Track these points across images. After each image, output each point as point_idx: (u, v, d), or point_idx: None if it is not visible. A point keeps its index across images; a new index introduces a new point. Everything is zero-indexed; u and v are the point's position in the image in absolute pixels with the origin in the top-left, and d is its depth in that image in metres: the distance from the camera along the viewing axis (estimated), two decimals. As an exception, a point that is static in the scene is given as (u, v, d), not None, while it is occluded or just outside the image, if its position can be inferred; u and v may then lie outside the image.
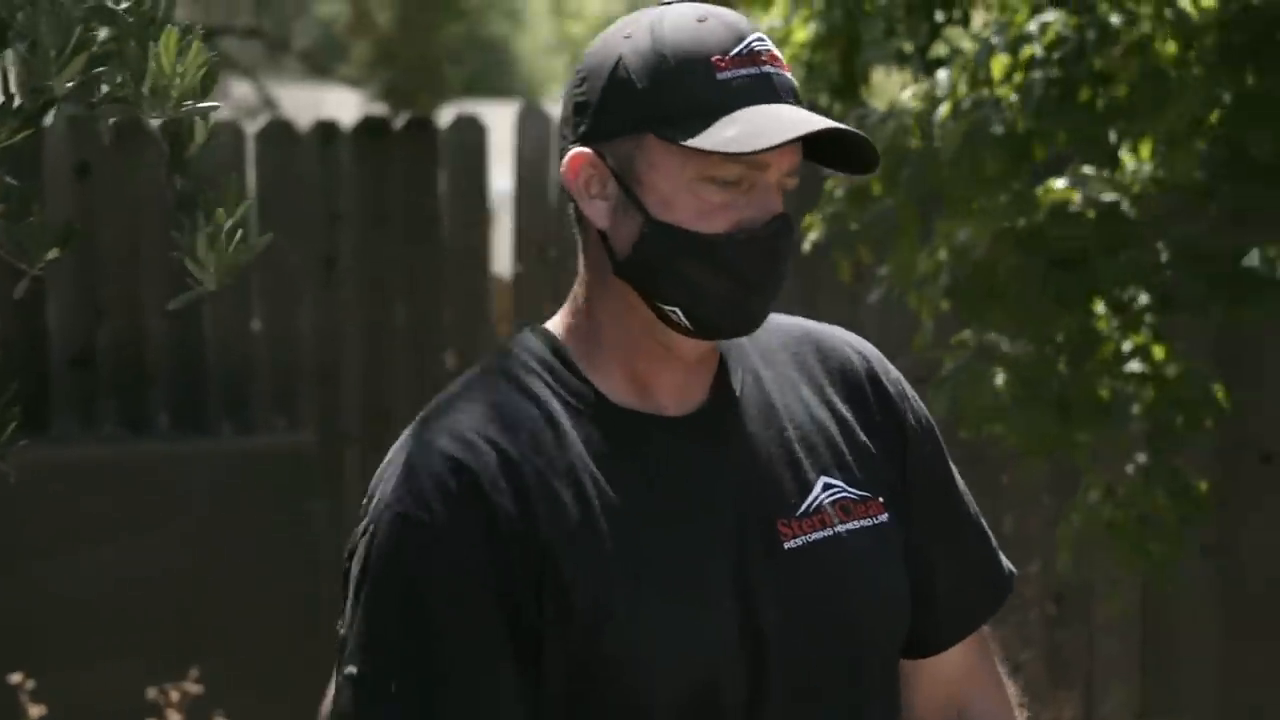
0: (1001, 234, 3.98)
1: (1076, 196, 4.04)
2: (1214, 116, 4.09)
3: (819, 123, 1.91)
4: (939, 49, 4.30)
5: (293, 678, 5.74)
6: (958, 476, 2.10)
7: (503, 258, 6.70)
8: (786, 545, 1.94)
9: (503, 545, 1.89)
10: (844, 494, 1.98)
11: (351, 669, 1.90)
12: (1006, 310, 4.07)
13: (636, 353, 1.96)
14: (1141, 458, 4.22)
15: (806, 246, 4.28)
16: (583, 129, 1.95)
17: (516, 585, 1.89)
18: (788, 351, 2.04)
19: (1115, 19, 3.97)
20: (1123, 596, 5.26)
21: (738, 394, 1.98)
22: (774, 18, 4.90)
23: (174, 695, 4.82)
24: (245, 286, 6.18)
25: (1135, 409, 4.12)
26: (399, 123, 6.50)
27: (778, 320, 2.05)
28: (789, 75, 1.95)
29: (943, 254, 4.07)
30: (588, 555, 1.89)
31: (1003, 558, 2.11)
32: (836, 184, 4.12)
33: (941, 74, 4.12)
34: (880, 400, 2.05)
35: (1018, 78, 4.01)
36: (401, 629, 1.88)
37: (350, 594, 1.93)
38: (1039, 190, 4.04)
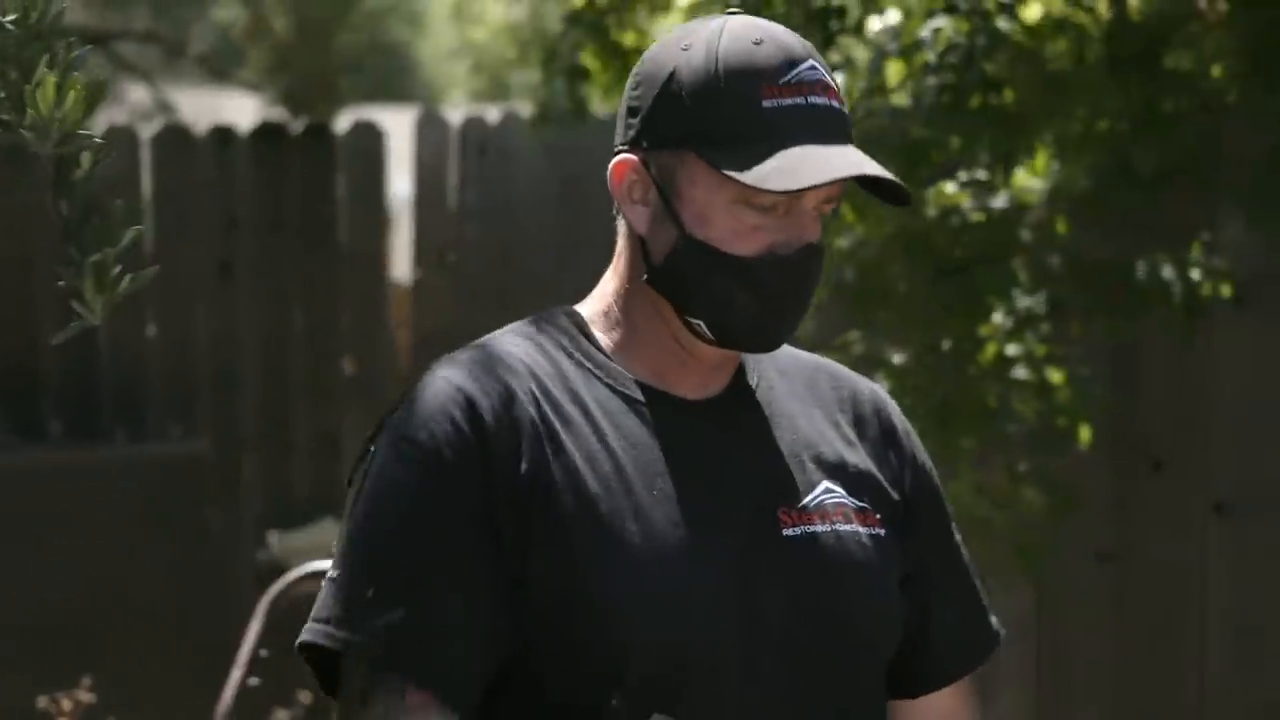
0: (891, 238, 4.02)
1: (965, 201, 4.08)
2: (1103, 125, 4.14)
3: (855, 167, 1.94)
4: (833, 58, 4.33)
5: (189, 685, 5.70)
6: (955, 527, 2.15)
7: (402, 263, 6.68)
8: (785, 532, 1.98)
9: (498, 475, 1.92)
10: (844, 500, 2.02)
11: (331, 573, 1.92)
12: (894, 314, 4.10)
13: (663, 351, 2.01)
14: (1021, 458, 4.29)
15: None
16: (631, 134, 1.99)
17: (505, 517, 1.91)
18: (804, 375, 2.09)
19: (1004, 24, 4.00)
20: (1017, 601, 5.30)
21: (753, 389, 2.04)
22: (672, 24, 4.91)
23: (65, 704, 4.78)
24: (139, 293, 6.14)
25: (1019, 413, 4.18)
26: (297, 128, 6.47)
27: (797, 351, 2.11)
28: (838, 105, 1.98)
29: (838, 244, 4.10)
30: (585, 504, 1.93)
31: (992, 615, 2.15)
32: None
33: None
34: (886, 433, 2.10)
35: (912, 85, 4.04)
36: (385, 540, 1.91)
37: (346, 510, 1.97)
38: (929, 193, 4.07)
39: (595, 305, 2.05)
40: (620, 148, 2.00)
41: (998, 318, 4.21)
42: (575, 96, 4.90)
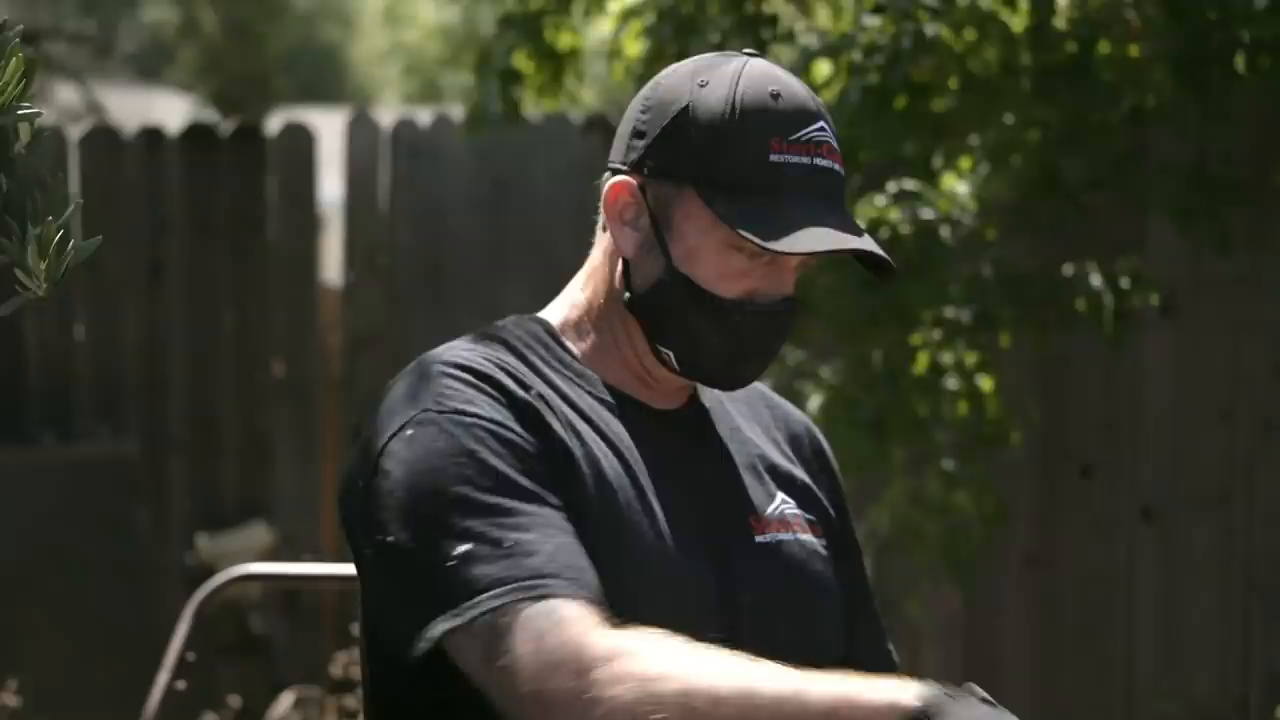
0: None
1: (894, 214, 4.10)
2: (1033, 135, 4.16)
3: (853, 242, 1.97)
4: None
5: (116, 688, 5.67)
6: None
7: (332, 266, 6.66)
8: (757, 539, 2.04)
9: (540, 442, 1.95)
10: (798, 512, 2.09)
11: (464, 548, 1.87)
12: (826, 327, 4.13)
13: (627, 367, 2.06)
14: (949, 464, 4.32)
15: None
16: (634, 157, 2.02)
17: (552, 457, 1.94)
18: (743, 395, 2.15)
19: (931, 29, 4.02)
20: (944, 605, 5.33)
21: (707, 407, 2.11)
22: (604, 30, 4.91)
23: (-9, 708, 4.75)
24: (68, 293, 6.11)
25: (950, 421, 4.21)
26: (226, 129, 6.45)
27: None
28: (839, 169, 2.01)
29: None
30: (605, 491, 1.96)
31: (890, 643, 2.22)
32: None
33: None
34: (817, 455, 2.18)
35: (837, 85, 4.05)
36: (490, 495, 1.89)
37: (389, 505, 1.92)
38: (859, 205, 4.09)
39: (565, 314, 2.07)
40: (619, 167, 2.03)
41: (934, 333, 4.24)
42: (508, 99, 4.90)
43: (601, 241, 2.06)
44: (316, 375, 6.33)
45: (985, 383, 4.28)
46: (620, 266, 2.03)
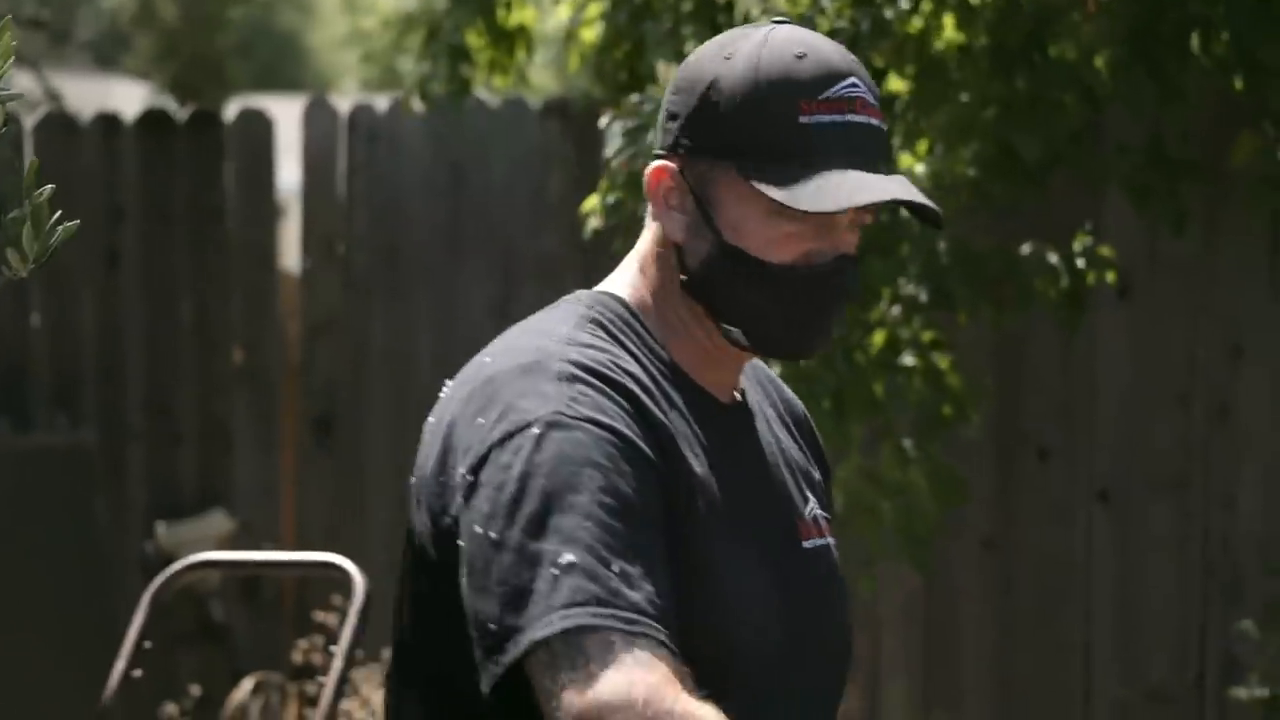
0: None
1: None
2: (989, 113, 4.17)
3: (885, 192, 1.97)
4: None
5: (75, 676, 5.66)
6: None
7: (292, 252, 6.64)
8: (804, 544, 2.06)
9: (660, 451, 1.95)
10: (821, 513, 2.11)
11: (569, 557, 1.86)
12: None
13: (698, 350, 2.05)
14: (908, 442, 4.33)
15: (588, 233, 4.30)
16: (669, 139, 2.02)
17: (667, 485, 1.94)
18: (755, 377, 2.15)
19: (889, 12, 4.03)
20: (905, 588, 5.34)
21: (750, 406, 2.10)
22: (561, 17, 4.90)
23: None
24: (24, 281, 6.07)
25: (907, 400, 4.22)
26: (183, 116, 6.43)
27: None
28: (876, 122, 2.00)
29: None
30: (712, 506, 1.97)
31: None
32: (622, 167, 4.09)
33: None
34: (817, 442, 2.18)
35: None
36: (611, 516, 1.88)
37: (502, 500, 1.90)
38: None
39: (635, 295, 2.05)
40: (659, 152, 2.03)
41: (894, 308, 4.25)
42: (456, 76, 4.86)
43: (650, 228, 2.04)
44: (276, 362, 6.31)
45: (942, 360, 4.29)
46: (674, 253, 2.02)
